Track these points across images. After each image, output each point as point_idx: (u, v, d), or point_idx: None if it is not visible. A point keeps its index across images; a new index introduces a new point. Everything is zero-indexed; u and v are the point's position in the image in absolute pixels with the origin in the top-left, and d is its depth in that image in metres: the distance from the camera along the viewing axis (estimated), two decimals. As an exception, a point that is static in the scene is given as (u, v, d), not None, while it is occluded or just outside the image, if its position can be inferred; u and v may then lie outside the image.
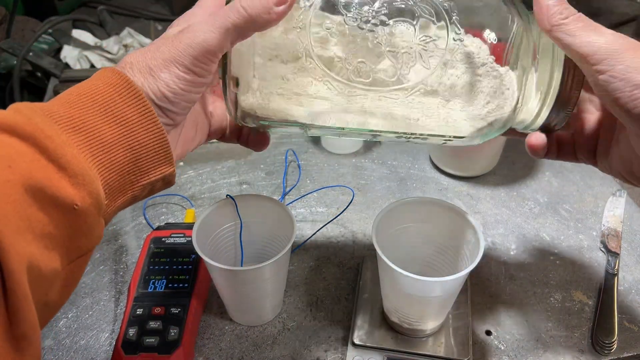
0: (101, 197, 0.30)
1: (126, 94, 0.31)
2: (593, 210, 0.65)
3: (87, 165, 0.29)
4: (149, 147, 0.32)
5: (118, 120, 0.31)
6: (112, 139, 0.30)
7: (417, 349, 0.48)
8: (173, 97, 0.32)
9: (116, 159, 0.31)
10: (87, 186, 0.29)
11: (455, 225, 0.46)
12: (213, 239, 0.49)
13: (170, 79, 0.32)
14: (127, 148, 0.31)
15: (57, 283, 0.29)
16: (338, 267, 0.58)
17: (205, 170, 0.71)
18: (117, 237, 0.61)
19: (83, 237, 0.30)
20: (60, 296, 0.30)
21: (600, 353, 0.49)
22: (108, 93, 0.31)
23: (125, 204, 0.33)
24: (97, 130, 0.30)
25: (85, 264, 0.32)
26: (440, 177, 0.70)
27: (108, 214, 0.32)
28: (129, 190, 0.32)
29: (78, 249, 0.30)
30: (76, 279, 0.31)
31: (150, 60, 0.32)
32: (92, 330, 0.51)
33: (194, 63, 0.32)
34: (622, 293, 0.55)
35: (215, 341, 0.51)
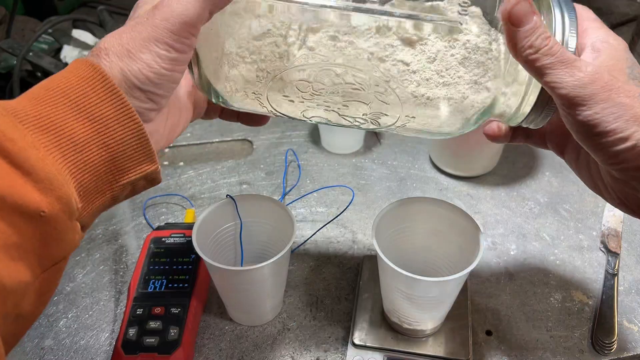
0: (72, 201, 0.28)
1: (101, 88, 0.29)
2: (593, 210, 0.65)
3: (55, 168, 0.27)
4: (127, 144, 0.30)
5: (92, 117, 0.29)
6: (85, 138, 0.28)
7: (417, 349, 0.48)
8: (157, 79, 0.30)
9: (90, 159, 0.29)
10: (55, 191, 0.27)
11: (455, 225, 0.46)
12: (213, 239, 0.49)
13: (151, 59, 0.30)
14: (102, 146, 0.29)
15: (29, 294, 0.27)
16: (338, 267, 0.58)
17: (205, 170, 0.71)
18: (117, 237, 0.61)
19: (54, 244, 0.28)
20: (35, 306, 0.28)
21: (600, 353, 0.49)
22: (80, 87, 0.29)
23: (105, 206, 0.31)
24: (68, 129, 0.28)
25: (61, 270, 0.29)
26: (440, 177, 0.70)
27: (85, 217, 0.30)
28: (107, 191, 0.30)
29: (50, 257, 0.28)
30: (52, 288, 0.29)
31: (127, 42, 0.30)
32: (92, 330, 0.51)
33: (174, 39, 0.30)
34: (622, 293, 0.55)
35: (215, 341, 0.51)
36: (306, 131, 0.77)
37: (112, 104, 0.29)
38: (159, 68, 0.30)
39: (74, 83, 0.29)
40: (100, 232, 0.62)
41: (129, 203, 0.66)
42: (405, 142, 0.75)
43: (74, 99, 0.28)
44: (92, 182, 0.29)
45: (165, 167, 0.72)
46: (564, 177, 0.69)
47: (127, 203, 0.66)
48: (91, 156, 0.29)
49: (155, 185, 0.34)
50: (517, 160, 0.72)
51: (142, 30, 0.30)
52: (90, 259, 0.59)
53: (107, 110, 0.29)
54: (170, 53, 0.30)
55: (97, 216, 0.32)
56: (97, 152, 0.29)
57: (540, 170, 0.71)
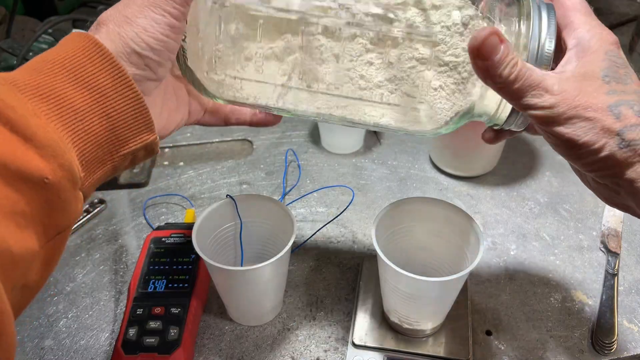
0: (75, 170, 0.28)
1: (98, 58, 0.29)
2: (593, 210, 0.65)
3: (57, 135, 0.27)
4: (127, 113, 0.30)
5: (90, 87, 0.29)
6: (85, 107, 0.28)
7: (417, 349, 0.48)
8: (154, 44, 0.31)
9: (91, 128, 0.29)
10: (58, 158, 0.26)
11: (455, 225, 0.47)
12: (213, 239, 0.49)
13: (148, 23, 0.31)
14: (103, 116, 0.29)
15: (36, 263, 0.27)
16: (338, 267, 0.58)
17: (205, 170, 0.71)
18: (117, 237, 0.61)
19: (59, 213, 0.28)
20: (40, 276, 0.28)
21: (600, 353, 0.49)
22: (77, 58, 0.29)
23: (105, 176, 0.31)
24: (68, 98, 0.28)
25: (64, 240, 0.30)
26: (440, 177, 0.70)
27: (87, 188, 0.30)
28: (108, 161, 0.30)
29: (56, 226, 0.28)
30: (56, 258, 0.30)
31: (124, 10, 0.31)
32: (92, 330, 0.51)
33: (169, 4, 0.31)
34: (622, 293, 0.55)
35: (215, 341, 0.51)
36: (306, 131, 0.77)
37: (110, 73, 0.29)
38: (155, 32, 0.31)
39: (70, 54, 0.29)
40: (100, 232, 0.62)
41: (129, 203, 0.66)
42: (405, 142, 0.75)
43: (71, 69, 0.28)
44: (94, 152, 0.29)
45: (166, 167, 0.72)
46: (564, 177, 0.69)
47: (127, 203, 0.66)
48: (92, 125, 0.29)
49: (154, 155, 0.34)
50: (517, 160, 0.72)
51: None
52: (90, 259, 0.59)
53: (104, 79, 0.29)
54: (166, 18, 0.31)
55: (97, 186, 0.32)
56: (98, 121, 0.29)
57: (540, 170, 0.71)
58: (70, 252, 0.59)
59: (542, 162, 0.72)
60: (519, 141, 0.75)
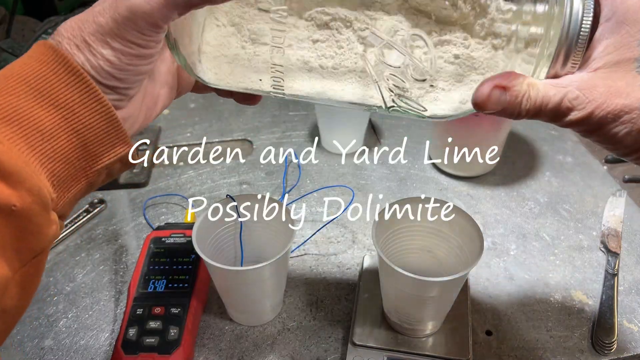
0: (44, 192, 0.27)
1: (63, 72, 0.27)
2: (593, 210, 0.65)
3: (22, 160, 0.26)
4: (97, 128, 0.29)
5: (56, 104, 0.27)
6: (51, 126, 0.27)
7: (417, 349, 0.48)
8: (119, 74, 0.29)
9: (60, 147, 0.27)
10: (25, 183, 0.26)
11: (455, 225, 0.46)
12: (213, 239, 0.49)
13: (112, 55, 0.28)
14: (71, 133, 0.28)
15: (10, 289, 0.26)
16: (338, 268, 0.58)
17: (205, 170, 0.71)
18: (117, 237, 0.61)
19: (32, 237, 0.27)
20: (18, 300, 0.27)
21: (600, 353, 0.49)
22: (42, 73, 0.27)
23: (82, 193, 0.30)
24: (33, 118, 0.26)
25: (42, 263, 0.29)
26: (440, 177, 0.70)
27: (61, 207, 0.29)
28: (82, 177, 0.29)
29: (30, 250, 0.27)
30: (35, 281, 0.29)
31: (87, 34, 0.28)
32: (92, 330, 0.51)
33: (136, 36, 0.28)
34: (622, 293, 0.55)
35: (215, 341, 0.51)
36: (306, 131, 0.77)
37: (77, 88, 0.28)
38: (120, 64, 0.29)
39: (35, 68, 0.27)
40: (100, 232, 0.62)
41: (129, 203, 0.66)
42: (405, 142, 0.75)
43: (35, 85, 0.27)
44: (65, 171, 0.28)
45: (166, 167, 0.72)
46: (564, 177, 0.69)
47: (127, 203, 0.66)
48: (60, 144, 0.28)
49: (130, 168, 0.33)
50: (517, 160, 0.72)
51: (103, 22, 0.28)
52: (90, 259, 0.59)
53: (72, 95, 0.28)
54: (133, 49, 0.29)
55: (74, 204, 0.31)
56: (67, 139, 0.28)
57: (540, 170, 0.71)
58: (70, 252, 0.59)
59: (542, 162, 0.72)
60: (519, 141, 0.76)
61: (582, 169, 0.71)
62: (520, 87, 0.30)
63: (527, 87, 0.30)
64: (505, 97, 0.30)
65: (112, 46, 0.28)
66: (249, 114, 0.81)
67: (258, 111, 0.82)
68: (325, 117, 0.70)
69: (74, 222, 0.63)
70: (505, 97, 0.30)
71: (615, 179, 0.69)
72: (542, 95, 0.30)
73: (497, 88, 0.30)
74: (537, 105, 0.30)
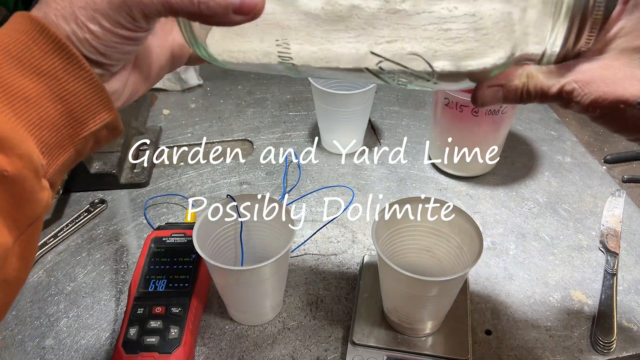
0: (34, 158, 0.27)
1: (42, 40, 0.27)
2: (592, 210, 0.65)
3: (9, 126, 0.26)
4: (81, 94, 0.29)
5: (39, 72, 0.27)
6: (36, 93, 0.27)
7: (417, 348, 0.48)
8: (104, 49, 0.29)
9: (46, 114, 0.28)
10: (14, 149, 0.26)
11: (455, 225, 0.47)
12: (213, 239, 0.49)
13: (100, 31, 0.28)
14: (56, 99, 0.28)
15: (11, 258, 0.27)
16: (338, 267, 0.58)
17: (206, 170, 0.71)
18: (118, 237, 0.61)
19: (27, 203, 0.27)
20: (19, 271, 0.28)
21: (599, 352, 0.49)
22: (22, 42, 0.27)
23: (70, 161, 0.31)
24: (17, 86, 0.27)
25: (38, 231, 0.29)
26: (440, 177, 0.70)
27: (51, 175, 0.29)
28: (70, 145, 0.30)
29: (26, 217, 0.27)
30: (33, 250, 0.29)
31: (76, 6, 0.28)
32: (93, 330, 0.52)
33: (127, 20, 0.28)
34: (622, 293, 0.55)
35: (215, 341, 0.51)
36: (306, 131, 0.77)
37: (58, 55, 0.28)
38: (107, 40, 0.29)
39: (14, 38, 0.27)
40: (101, 232, 0.62)
41: (129, 203, 0.66)
42: (405, 142, 0.75)
43: (17, 55, 0.27)
44: (53, 137, 0.28)
45: (166, 167, 0.72)
46: (563, 177, 0.70)
47: (128, 203, 0.66)
48: (46, 111, 0.28)
49: (117, 136, 0.33)
50: (516, 160, 0.72)
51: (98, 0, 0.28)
52: (91, 258, 0.59)
53: (54, 62, 0.28)
54: (120, 30, 0.29)
55: (64, 173, 0.31)
56: (52, 106, 0.28)
57: (540, 170, 0.71)
58: (71, 251, 0.60)
59: (542, 162, 0.72)
60: (518, 141, 0.76)
61: (581, 169, 0.71)
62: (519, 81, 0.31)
63: (526, 80, 0.31)
64: (499, 95, 0.31)
65: (100, 24, 0.28)
66: (249, 114, 0.81)
67: (258, 111, 0.82)
68: (325, 117, 0.70)
69: (75, 222, 0.63)
70: (500, 95, 0.31)
71: (614, 179, 0.69)
72: (540, 86, 0.31)
73: (491, 87, 0.31)
74: (537, 95, 0.31)
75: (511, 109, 0.62)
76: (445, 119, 0.64)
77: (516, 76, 0.31)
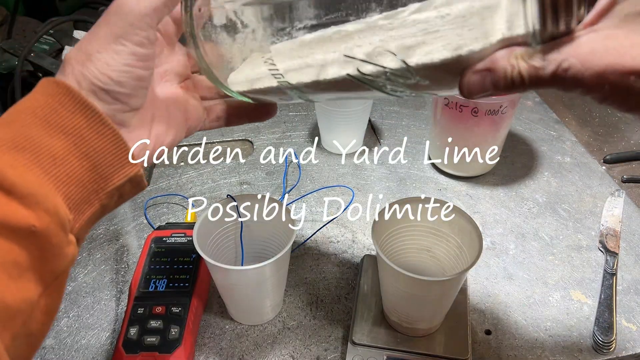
0: (62, 213, 0.28)
1: (68, 101, 0.29)
2: (592, 210, 0.65)
3: (37, 182, 0.27)
4: (105, 150, 0.30)
5: (65, 131, 0.29)
6: (63, 151, 0.29)
7: (416, 348, 0.48)
8: (117, 76, 0.30)
9: (72, 171, 0.29)
10: (41, 204, 0.27)
11: (455, 225, 0.47)
12: (213, 239, 0.50)
13: (109, 57, 0.30)
14: (82, 157, 0.29)
15: (36, 312, 0.27)
16: (338, 267, 0.58)
17: (206, 170, 0.71)
18: (118, 236, 0.62)
19: (53, 258, 0.28)
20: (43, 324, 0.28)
21: (599, 352, 0.50)
22: (49, 105, 0.29)
23: (96, 216, 0.31)
24: (45, 145, 0.28)
25: (63, 285, 0.30)
26: (440, 177, 0.70)
27: (78, 230, 0.30)
28: (95, 200, 0.31)
29: (51, 272, 0.28)
30: (57, 304, 0.30)
31: (87, 46, 0.30)
32: (93, 330, 0.52)
33: (128, 31, 0.30)
34: (621, 292, 0.55)
35: (215, 340, 0.51)
36: (306, 131, 0.77)
37: (82, 114, 0.29)
38: (118, 64, 0.30)
39: (42, 102, 0.29)
40: (101, 232, 0.62)
41: (130, 203, 0.66)
42: (405, 142, 0.75)
43: (44, 116, 0.29)
44: (79, 193, 0.29)
45: (166, 167, 0.72)
46: (562, 177, 0.70)
47: (129, 203, 0.66)
48: (72, 167, 0.29)
49: (142, 190, 0.34)
50: (516, 160, 0.72)
51: (99, 31, 0.30)
52: (91, 258, 0.59)
53: (78, 121, 0.29)
54: (127, 47, 0.30)
55: (89, 228, 0.32)
56: (78, 163, 0.29)
57: (539, 170, 0.71)
58: (72, 251, 0.60)
59: (541, 162, 0.72)
60: (518, 141, 0.76)
61: (580, 169, 0.71)
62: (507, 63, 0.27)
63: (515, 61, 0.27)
64: (487, 81, 0.28)
65: (107, 48, 0.30)
66: (249, 114, 0.81)
67: (258, 111, 0.82)
68: (325, 117, 0.70)
69: (75, 222, 0.63)
70: (488, 80, 0.28)
71: (613, 179, 0.69)
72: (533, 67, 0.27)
73: (477, 73, 0.28)
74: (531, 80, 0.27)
75: (511, 109, 0.62)
76: (445, 119, 0.64)
77: (504, 58, 0.28)
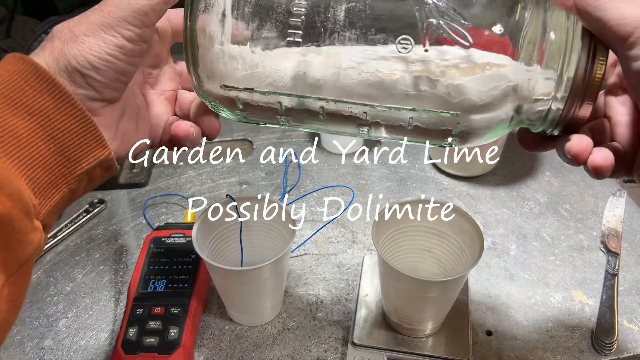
0: (25, 198, 0.27)
1: (34, 80, 0.28)
2: (593, 210, 0.65)
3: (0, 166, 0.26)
4: (74, 132, 0.29)
5: (30, 111, 0.27)
6: (27, 133, 0.27)
7: (417, 349, 0.48)
8: (98, 63, 0.29)
9: (37, 153, 0.28)
10: (4, 188, 0.25)
11: (456, 225, 0.46)
12: (213, 239, 0.49)
13: (95, 43, 0.29)
14: (47, 139, 0.28)
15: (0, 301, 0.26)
16: (338, 268, 0.58)
17: (206, 170, 0.71)
18: (117, 237, 0.61)
19: (17, 245, 0.26)
20: (7, 313, 0.27)
21: (600, 353, 0.49)
22: (14, 82, 0.27)
23: (64, 200, 0.30)
24: (8, 126, 0.27)
25: (28, 274, 0.28)
26: (440, 177, 0.70)
27: (45, 215, 0.29)
28: (63, 184, 0.29)
29: (16, 260, 0.27)
30: (22, 292, 0.28)
31: (75, 26, 0.29)
32: (92, 330, 0.51)
33: (123, 25, 0.29)
34: (622, 293, 0.55)
35: (215, 341, 0.51)
36: (306, 131, 0.77)
37: (50, 94, 0.28)
38: (101, 52, 0.29)
39: (6, 78, 0.28)
40: (100, 232, 0.62)
41: (129, 203, 0.66)
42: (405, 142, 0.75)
43: (8, 94, 0.27)
44: (45, 177, 0.28)
45: (166, 167, 0.72)
46: (564, 177, 0.69)
47: (128, 203, 0.66)
48: (38, 150, 0.28)
49: (113, 174, 0.32)
50: (517, 160, 0.72)
51: (91, 15, 0.30)
52: (90, 259, 0.59)
53: (45, 101, 0.28)
54: (117, 39, 0.30)
55: (58, 214, 0.30)
56: (44, 145, 0.28)
57: (540, 170, 0.71)
58: (70, 252, 0.59)
59: (542, 162, 0.72)
60: (519, 141, 0.75)
61: (582, 169, 0.70)
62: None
63: None
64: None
65: (96, 34, 0.29)
66: (249, 114, 0.81)
67: (258, 111, 0.82)
68: (325, 117, 0.70)
69: (74, 222, 0.63)
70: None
71: (615, 179, 0.69)
72: None
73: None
74: None
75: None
76: (446, 118, 0.64)
77: None
